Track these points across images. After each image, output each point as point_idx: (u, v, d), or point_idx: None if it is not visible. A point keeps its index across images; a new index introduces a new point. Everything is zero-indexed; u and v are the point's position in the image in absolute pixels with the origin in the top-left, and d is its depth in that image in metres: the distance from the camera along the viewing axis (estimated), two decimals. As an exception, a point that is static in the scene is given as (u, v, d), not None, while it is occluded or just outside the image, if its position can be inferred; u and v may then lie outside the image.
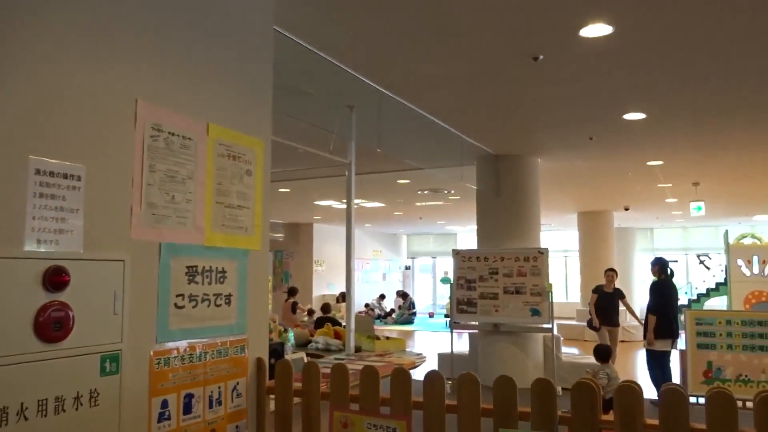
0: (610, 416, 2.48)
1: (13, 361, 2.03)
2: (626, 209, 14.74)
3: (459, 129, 7.12)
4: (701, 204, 11.46)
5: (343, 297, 18.30)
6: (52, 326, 2.14)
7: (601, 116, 6.45)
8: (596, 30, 4.17)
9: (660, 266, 7.75)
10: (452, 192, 11.99)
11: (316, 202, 13.82)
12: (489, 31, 4.23)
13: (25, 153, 2.08)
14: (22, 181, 2.07)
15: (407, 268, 25.11)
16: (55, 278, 2.15)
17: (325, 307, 12.21)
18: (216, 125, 2.89)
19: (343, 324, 8.06)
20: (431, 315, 22.49)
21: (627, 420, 2.39)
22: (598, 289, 9.20)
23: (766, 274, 12.83)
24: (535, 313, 7.98)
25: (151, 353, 2.54)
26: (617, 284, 9.32)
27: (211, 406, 2.86)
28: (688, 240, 20.75)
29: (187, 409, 2.72)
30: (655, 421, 2.36)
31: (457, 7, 3.86)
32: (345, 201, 13.29)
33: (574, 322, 15.40)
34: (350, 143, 5.45)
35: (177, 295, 2.68)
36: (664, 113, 6.34)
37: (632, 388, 2.45)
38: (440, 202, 13.74)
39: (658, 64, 4.87)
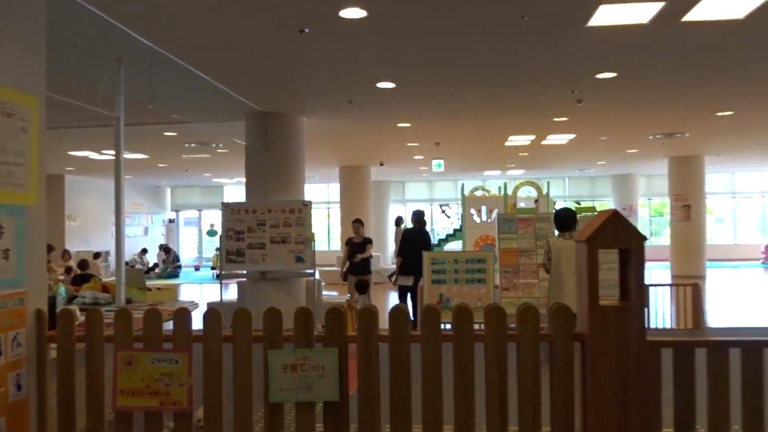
0: (354, 332, 3.20)
1: None
2: (381, 164, 16.21)
3: (229, 86, 7.38)
4: (441, 161, 13.19)
5: (97, 255, 17.37)
6: None
7: (358, 83, 7.23)
8: (353, 12, 4.81)
9: (416, 217, 9.21)
10: (220, 145, 12.12)
11: (70, 153, 12.86)
12: (259, 3, 4.62)
13: None
14: None
15: (171, 221, 24.40)
16: None
17: (83, 263, 11.62)
18: (-11, 83, 2.92)
19: (103, 280, 7.93)
20: (197, 268, 22.33)
21: (366, 333, 3.14)
22: (349, 241, 9.71)
23: (491, 221, 15.31)
24: (300, 260, 8.71)
25: (-71, 307, 2.61)
26: (367, 233, 10.26)
27: (-9, 356, 2.97)
28: (433, 192, 23.44)
29: (-32, 359, 2.83)
30: (386, 333, 3.14)
31: (229, -20, 4.18)
32: (104, 152, 12.58)
33: (335, 268, 16.64)
34: (119, 97, 5.44)
35: (-46, 250, 2.74)
36: (411, 84, 7.32)
37: (370, 310, 3.20)
38: (208, 155, 13.74)
39: (406, 43, 5.69)
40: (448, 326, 3.23)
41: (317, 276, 9.71)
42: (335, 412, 3.15)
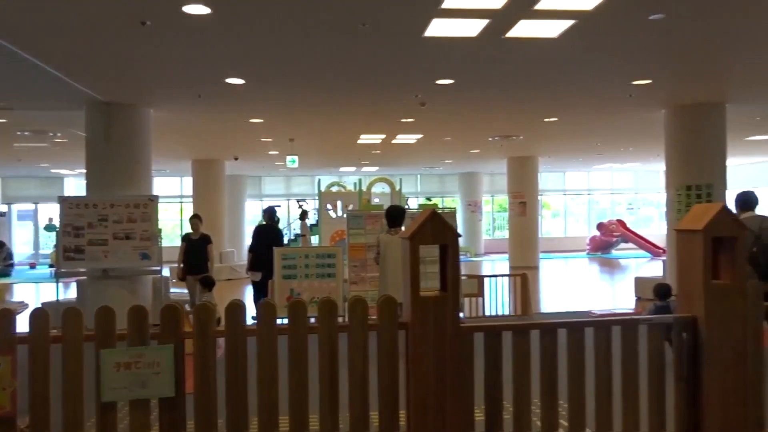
0: (190, 327, 3.26)
1: None
2: (236, 159, 15.96)
3: (66, 74, 6.95)
4: (295, 157, 13.28)
5: None
6: None
7: (206, 78, 7.14)
8: (196, 9, 4.79)
9: (268, 214, 9.35)
10: (58, 134, 11.31)
11: None
12: (95, -7, 4.47)
13: None
14: None
15: (2, 215, 22.25)
16: None
17: None
18: None
19: None
20: (33, 266, 20.64)
21: (202, 329, 3.21)
22: (185, 238, 9.15)
23: (345, 216, 15.66)
24: (145, 257, 8.42)
25: None
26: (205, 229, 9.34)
27: None
28: (290, 187, 23.43)
29: None
30: (222, 329, 3.24)
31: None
32: None
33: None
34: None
35: None
36: (260, 80, 7.35)
37: (207, 306, 3.28)
38: (45, 144, 12.74)
39: (253, 41, 5.73)
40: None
41: (166, 273, 9.45)
42: (171, 409, 3.19)
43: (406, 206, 16.40)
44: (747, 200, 5.92)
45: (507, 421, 3.48)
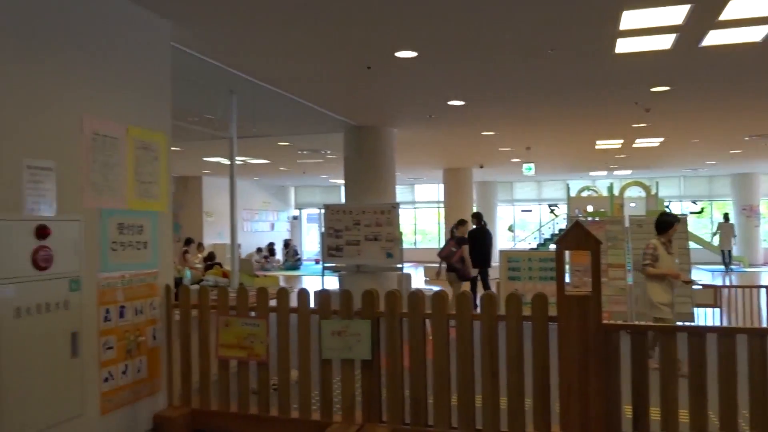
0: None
1: (21, 281, 3.45)
2: (481, 167, 16.97)
3: (328, 108, 8.65)
4: (532, 165, 13.73)
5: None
6: (41, 261, 3.56)
7: (432, 102, 8.21)
8: (405, 53, 5.81)
9: (477, 218, 10.38)
10: (329, 152, 13.55)
11: (205, 159, 14.89)
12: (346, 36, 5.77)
13: (19, 156, 3.45)
14: (19, 173, 3.44)
15: (295, 218, 26.57)
16: (42, 231, 3.56)
17: (210, 255, 13.59)
18: (133, 126, 4.30)
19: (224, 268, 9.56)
20: (317, 261, 24.27)
21: (390, 311, 4.17)
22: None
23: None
24: (389, 256, 9.84)
25: (98, 278, 4.00)
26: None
27: (136, 314, 4.35)
28: (541, 192, 23.68)
29: (122, 314, 4.21)
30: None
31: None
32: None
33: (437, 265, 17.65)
34: (231, 122, 6.85)
35: (112, 242, 4.13)
36: (478, 102, 8.15)
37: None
38: (320, 160, 15.25)
39: (461, 73, 6.57)
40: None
41: (405, 270, 10.80)
42: (368, 369, 4.21)
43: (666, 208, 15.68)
44: None
45: (654, 422, 3.75)
